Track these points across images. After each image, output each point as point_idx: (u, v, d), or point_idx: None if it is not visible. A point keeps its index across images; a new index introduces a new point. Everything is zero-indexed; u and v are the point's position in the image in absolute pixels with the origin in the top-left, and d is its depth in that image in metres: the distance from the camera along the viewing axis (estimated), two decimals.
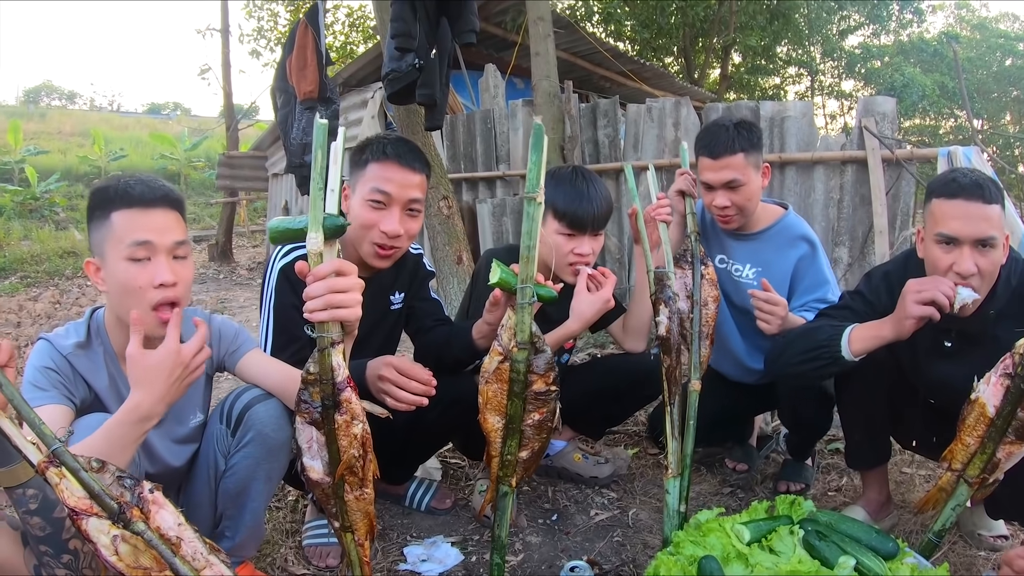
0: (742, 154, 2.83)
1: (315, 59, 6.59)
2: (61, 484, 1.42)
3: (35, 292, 9.65)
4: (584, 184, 2.75)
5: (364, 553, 1.84)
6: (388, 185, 2.41)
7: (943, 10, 32.14)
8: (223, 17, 13.48)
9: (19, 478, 1.52)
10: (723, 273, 3.09)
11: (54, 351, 1.97)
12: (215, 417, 2.23)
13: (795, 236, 3.01)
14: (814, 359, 2.44)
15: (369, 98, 10.12)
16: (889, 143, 4.91)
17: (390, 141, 2.51)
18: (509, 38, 10.86)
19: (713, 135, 2.89)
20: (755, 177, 2.89)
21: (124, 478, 1.51)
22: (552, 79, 6.60)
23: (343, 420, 1.67)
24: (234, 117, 14.18)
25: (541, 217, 1.88)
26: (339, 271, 1.65)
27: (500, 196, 7.40)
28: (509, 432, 2.00)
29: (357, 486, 1.75)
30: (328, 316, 1.63)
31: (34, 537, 1.55)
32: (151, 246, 1.89)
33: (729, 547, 2.11)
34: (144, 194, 1.92)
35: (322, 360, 1.65)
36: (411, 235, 2.51)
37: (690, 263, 2.70)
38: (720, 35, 18.38)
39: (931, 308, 2.13)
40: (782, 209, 3.12)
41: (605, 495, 3.18)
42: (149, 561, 1.46)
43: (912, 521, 2.86)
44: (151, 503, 1.52)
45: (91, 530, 1.43)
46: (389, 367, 2.25)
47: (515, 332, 1.94)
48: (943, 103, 20.60)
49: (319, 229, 1.65)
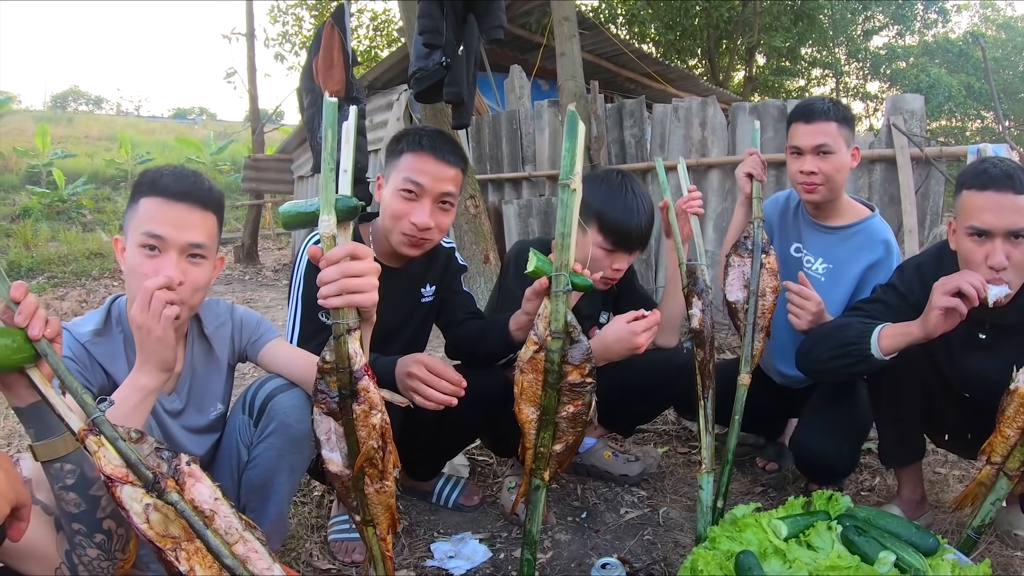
0: (836, 124, 2.79)
1: (341, 59, 6.60)
2: (100, 452, 1.44)
3: (62, 292, 9.74)
4: (634, 199, 2.70)
5: (386, 547, 1.81)
6: (421, 177, 2.39)
7: (968, 9, 31.93)
8: (248, 21, 13.60)
9: (57, 451, 1.52)
10: (794, 262, 3.04)
11: (71, 339, 1.96)
12: (237, 407, 2.20)
13: (875, 240, 2.91)
14: (843, 356, 2.40)
15: (395, 100, 10.15)
16: (918, 140, 4.88)
17: (427, 133, 2.48)
18: (534, 39, 10.87)
19: (809, 104, 2.88)
20: (844, 152, 2.82)
21: (162, 450, 1.52)
22: (578, 79, 6.59)
23: (361, 410, 1.62)
24: (260, 120, 14.29)
25: (575, 204, 1.84)
26: (353, 254, 1.59)
27: (526, 197, 7.40)
28: (543, 424, 1.96)
29: (377, 478, 1.70)
30: (343, 302, 1.57)
31: (68, 515, 1.54)
32: (163, 240, 1.87)
33: (766, 542, 2.08)
34: (171, 186, 1.90)
35: (338, 348, 1.59)
36: (442, 229, 2.48)
37: (750, 251, 2.63)
38: (744, 36, 18.36)
39: (957, 299, 2.08)
40: (868, 210, 3.02)
41: (635, 493, 3.15)
42: (178, 531, 1.46)
43: (947, 520, 2.81)
44: (188, 475, 1.52)
45: (124, 497, 1.44)
46: (419, 365, 2.22)
47: (550, 321, 1.91)
48: (969, 104, 20.43)
49: (331, 211, 1.58)
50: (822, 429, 2.76)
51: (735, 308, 2.61)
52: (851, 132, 2.87)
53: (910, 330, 2.24)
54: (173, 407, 2.09)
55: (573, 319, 1.89)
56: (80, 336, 1.98)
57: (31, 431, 1.52)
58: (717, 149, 6.01)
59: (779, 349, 3.09)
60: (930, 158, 4.85)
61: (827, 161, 2.80)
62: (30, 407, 1.50)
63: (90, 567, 1.56)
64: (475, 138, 8.23)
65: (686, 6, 17.10)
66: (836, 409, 2.80)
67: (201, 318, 2.19)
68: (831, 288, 2.89)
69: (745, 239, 2.65)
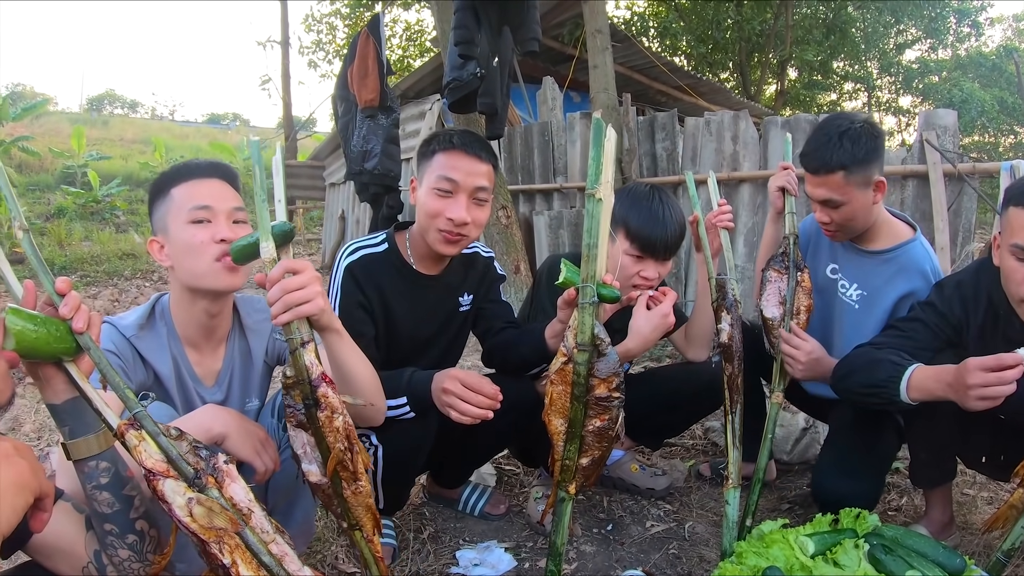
0: (842, 172, 2.52)
1: (376, 68, 6.65)
2: (140, 446, 1.47)
3: (94, 291, 9.84)
4: (660, 207, 2.69)
5: (376, 548, 1.83)
6: (455, 173, 2.43)
7: (1001, 23, 31.49)
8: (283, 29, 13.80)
9: (91, 449, 1.53)
10: (829, 283, 2.88)
11: (116, 332, 2.00)
12: (267, 411, 2.25)
13: (913, 269, 2.69)
14: (873, 395, 2.34)
15: (427, 110, 10.19)
16: (951, 156, 4.84)
17: (456, 132, 2.53)
18: (566, 51, 10.92)
19: (815, 146, 2.59)
20: (859, 195, 2.57)
21: (200, 448, 1.55)
22: (610, 92, 6.62)
23: (324, 416, 1.66)
24: (293, 127, 14.43)
25: (603, 215, 1.85)
26: (290, 269, 1.67)
27: (557, 208, 7.42)
28: (569, 436, 1.98)
29: (351, 480, 1.73)
30: (292, 315, 1.64)
31: (100, 515, 1.55)
32: (210, 210, 1.99)
33: (793, 559, 2.08)
34: (198, 167, 2.07)
35: (295, 361, 1.66)
36: (478, 224, 2.51)
37: (786, 268, 2.61)
38: (776, 50, 18.28)
39: (990, 402, 2.01)
40: (910, 231, 2.78)
41: (661, 507, 3.14)
42: (224, 522, 1.49)
43: (974, 542, 2.78)
44: (225, 474, 1.56)
45: (167, 491, 1.47)
46: (454, 380, 2.24)
47: (576, 333, 1.92)
48: (1002, 119, 20.15)
49: (268, 238, 1.69)
50: (842, 467, 2.65)
51: (771, 325, 2.60)
52: (869, 169, 2.55)
53: (937, 392, 2.17)
54: (215, 399, 2.14)
55: (601, 331, 1.89)
56: (125, 329, 2.03)
57: (65, 428, 1.53)
58: (749, 163, 6.00)
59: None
60: (963, 174, 4.81)
61: (837, 211, 2.62)
62: (66, 403, 1.52)
63: (121, 568, 1.56)
64: (507, 149, 8.26)
65: (718, 19, 17.10)
66: (858, 440, 2.67)
67: (241, 312, 2.25)
68: (864, 316, 2.77)
69: (782, 255, 2.64)
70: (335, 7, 21.15)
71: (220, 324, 2.15)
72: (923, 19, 21.06)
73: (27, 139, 18.71)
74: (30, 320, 1.42)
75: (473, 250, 2.81)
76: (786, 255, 2.64)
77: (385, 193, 6.67)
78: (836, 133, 2.54)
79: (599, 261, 1.89)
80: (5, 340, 1.37)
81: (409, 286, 2.60)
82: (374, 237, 2.64)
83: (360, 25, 14.93)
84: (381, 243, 2.62)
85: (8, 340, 1.37)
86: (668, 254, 2.73)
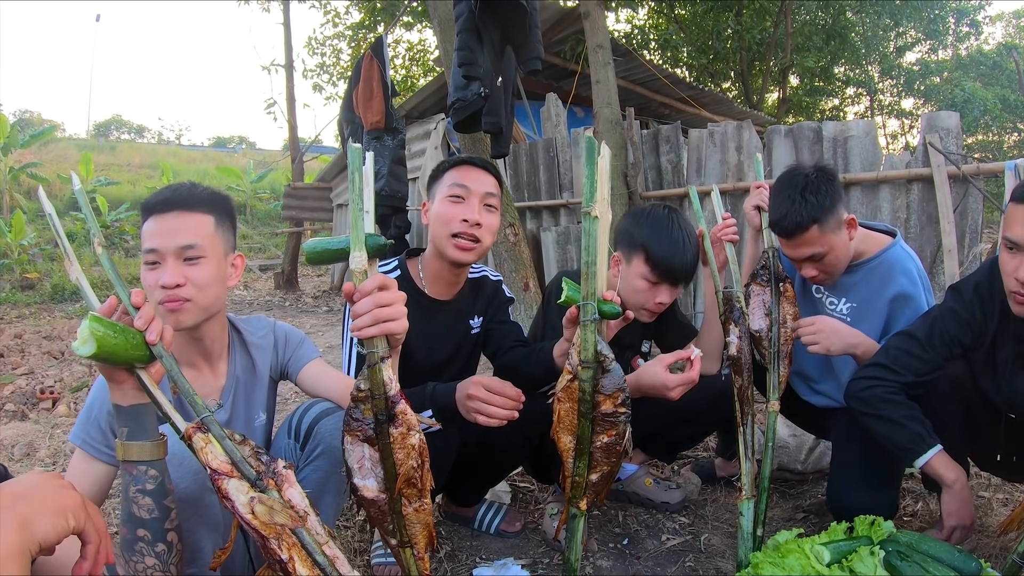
0: (815, 226, 2.58)
1: (381, 90, 6.72)
2: (206, 448, 1.57)
3: None
4: (680, 233, 2.72)
5: (425, 567, 1.84)
6: (466, 180, 2.58)
7: (1001, 20, 31.53)
8: (287, 53, 13.85)
9: (144, 455, 1.62)
10: (816, 303, 2.93)
11: None
12: (282, 432, 2.27)
13: (897, 270, 2.74)
14: (888, 450, 2.44)
15: (432, 129, 10.25)
16: (955, 159, 4.85)
17: (462, 155, 2.70)
18: (568, 67, 10.95)
19: (783, 212, 2.63)
20: (837, 239, 2.64)
21: (261, 453, 1.64)
22: (613, 106, 6.64)
23: (399, 433, 1.66)
24: (299, 149, 14.51)
25: (600, 232, 1.86)
26: (382, 286, 1.64)
27: (564, 224, 7.44)
28: (578, 453, 1.99)
29: (416, 498, 1.74)
30: (378, 331, 1.61)
31: (137, 519, 1.61)
32: (157, 252, 1.99)
33: (809, 568, 2.08)
34: (157, 202, 2.03)
35: (373, 375, 1.63)
36: (491, 230, 2.61)
37: (768, 281, 2.65)
38: (777, 58, 18.29)
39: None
40: (889, 237, 2.84)
41: (676, 520, 3.15)
42: (284, 519, 1.57)
43: (990, 545, 2.77)
44: (284, 479, 1.64)
45: (230, 489, 1.55)
46: (477, 386, 2.27)
47: (580, 350, 1.93)
48: (1005, 117, 20.10)
49: (362, 248, 1.63)
50: (857, 480, 2.64)
51: (759, 337, 2.62)
52: (836, 212, 2.62)
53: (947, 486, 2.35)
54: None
55: (605, 348, 1.90)
56: None
57: (124, 429, 1.63)
58: (753, 173, 6.01)
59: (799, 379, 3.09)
60: (968, 176, 4.82)
61: (823, 263, 2.67)
62: (131, 407, 1.63)
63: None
64: (513, 166, 8.29)
65: (718, 29, 17.14)
66: (868, 450, 2.62)
67: (242, 330, 2.28)
68: (857, 326, 2.73)
69: (762, 269, 2.67)
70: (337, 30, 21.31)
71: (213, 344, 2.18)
72: (922, 20, 21.03)
73: (36, 165, 18.92)
74: (110, 327, 1.53)
75: (482, 274, 2.89)
76: (767, 268, 2.67)
77: (393, 214, 6.71)
78: (797, 192, 2.60)
79: (599, 278, 1.90)
80: (86, 344, 1.47)
81: (422, 312, 2.63)
82: (386, 264, 2.68)
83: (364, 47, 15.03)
84: (393, 269, 2.67)
85: (90, 344, 1.47)
86: (687, 281, 2.79)
